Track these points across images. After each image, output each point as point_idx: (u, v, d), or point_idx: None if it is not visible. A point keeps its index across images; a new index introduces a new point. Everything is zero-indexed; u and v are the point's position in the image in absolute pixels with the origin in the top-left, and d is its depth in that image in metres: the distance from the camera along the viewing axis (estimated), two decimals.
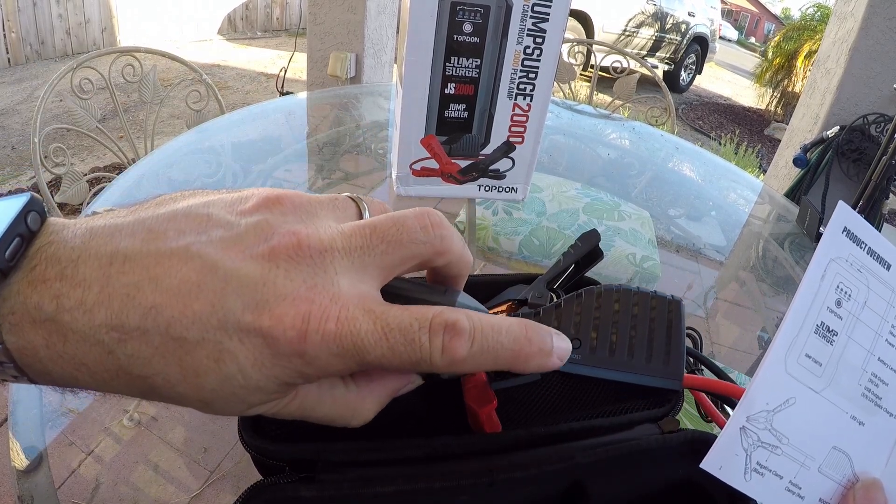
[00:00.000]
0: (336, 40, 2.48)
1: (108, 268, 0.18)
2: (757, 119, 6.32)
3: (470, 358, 0.19)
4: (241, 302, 0.18)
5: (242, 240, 0.19)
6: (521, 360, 0.20)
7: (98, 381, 0.19)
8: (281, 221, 0.20)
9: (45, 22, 4.21)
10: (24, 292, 0.18)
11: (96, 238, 0.19)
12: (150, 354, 0.18)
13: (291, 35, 5.64)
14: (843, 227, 0.24)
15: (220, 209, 0.20)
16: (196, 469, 0.54)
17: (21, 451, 0.47)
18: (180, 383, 0.19)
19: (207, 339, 0.18)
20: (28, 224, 0.19)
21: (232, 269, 0.19)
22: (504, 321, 0.21)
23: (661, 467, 0.27)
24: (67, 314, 0.18)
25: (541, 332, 0.21)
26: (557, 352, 0.21)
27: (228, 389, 0.19)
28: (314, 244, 0.20)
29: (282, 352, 0.19)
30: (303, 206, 0.21)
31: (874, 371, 0.24)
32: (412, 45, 0.50)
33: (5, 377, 0.19)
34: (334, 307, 0.19)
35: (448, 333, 0.19)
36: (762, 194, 1.32)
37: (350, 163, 1.20)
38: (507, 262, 0.85)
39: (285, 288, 0.19)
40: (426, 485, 0.23)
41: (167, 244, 0.19)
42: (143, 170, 0.94)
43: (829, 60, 2.30)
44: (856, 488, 0.23)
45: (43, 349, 0.18)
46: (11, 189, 2.45)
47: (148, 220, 0.20)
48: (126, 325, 0.18)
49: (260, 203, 0.21)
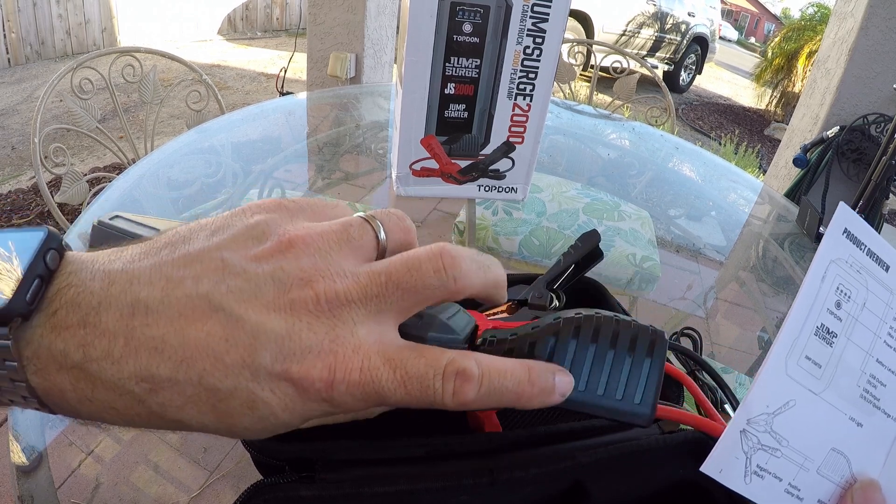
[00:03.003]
0: (336, 40, 2.48)
1: (130, 319, 0.19)
2: (757, 119, 6.32)
3: (477, 400, 0.21)
4: (270, 355, 0.19)
5: (262, 292, 0.20)
6: (525, 401, 0.21)
7: (128, 421, 0.20)
8: (296, 269, 0.20)
9: (45, 22, 4.21)
10: (47, 337, 0.19)
11: (115, 284, 0.19)
12: (183, 403, 0.19)
13: (291, 35, 5.64)
14: (843, 228, 0.24)
15: (232, 253, 0.21)
16: (196, 469, 0.54)
17: (21, 451, 0.47)
18: (214, 423, 0.20)
19: (240, 389, 0.19)
20: (47, 263, 0.19)
21: (257, 322, 0.19)
22: (509, 365, 0.22)
23: (661, 467, 0.27)
24: (95, 364, 0.19)
25: (543, 372, 0.22)
26: (559, 389, 0.22)
27: (261, 427, 0.20)
28: (331, 298, 0.20)
29: (311, 398, 0.20)
30: (316, 246, 0.21)
31: (872, 372, 0.24)
32: (412, 45, 0.50)
33: (28, 407, 0.20)
34: (357, 358, 0.20)
35: (459, 379, 0.21)
36: (762, 194, 1.32)
37: (350, 163, 1.20)
38: (507, 262, 0.85)
39: (310, 340, 0.20)
40: (426, 484, 0.23)
41: (185, 292, 0.19)
42: (143, 170, 0.94)
43: (829, 60, 2.30)
44: (854, 489, 0.23)
45: (70, 392, 0.19)
46: (12, 189, 2.46)
47: (164, 267, 0.20)
48: (157, 377, 0.19)
49: (273, 248, 0.21)
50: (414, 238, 0.25)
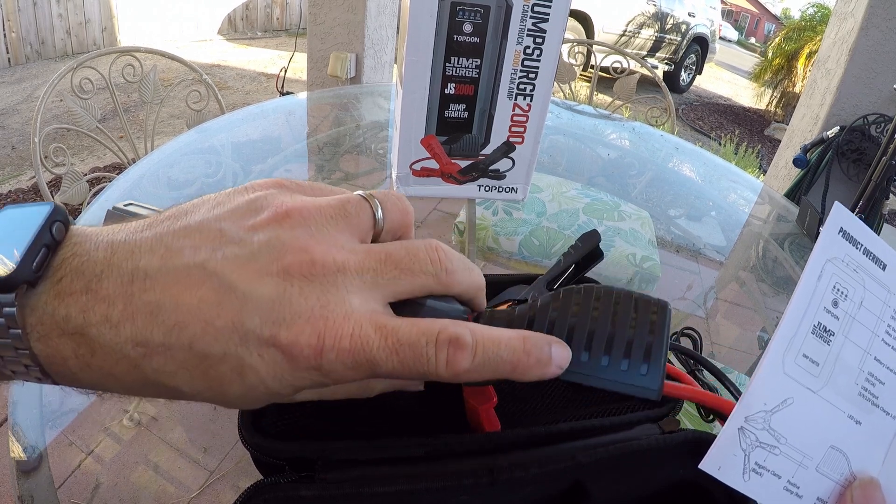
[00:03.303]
0: (336, 40, 2.48)
1: (129, 285, 0.19)
2: (757, 119, 6.32)
3: (472, 370, 0.21)
4: (259, 320, 0.19)
5: (256, 258, 0.20)
6: (520, 371, 0.21)
7: (126, 388, 0.21)
8: (292, 237, 0.21)
9: (45, 22, 4.22)
10: (51, 303, 0.19)
11: (117, 254, 0.20)
12: (176, 368, 0.20)
13: (291, 35, 5.64)
14: (839, 227, 0.24)
15: (231, 223, 0.21)
16: (196, 469, 0.54)
17: (21, 451, 0.47)
18: (206, 391, 0.20)
19: (230, 355, 0.19)
20: (53, 234, 0.20)
21: (248, 288, 0.19)
22: (504, 334, 0.21)
23: (661, 467, 0.27)
24: (94, 328, 0.19)
25: (539, 343, 0.22)
26: (556, 360, 0.22)
27: (252, 395, 0.20)
28: (328, 263, 0.20)
29: (300, 366, 0.20)
30: (312, 218, 0.21)
31: (871, 370, 0.24)
32: (412, 45, 0.50)
33: (29, 378, 0.20)
34: (347, 324, 0.20)
35: (452, 347, 0.20)
36: (762, 194, 1.32)
37: (350, 163, 1.20)
38: (507, 262, 0.85)
39: (300, 306, 0.20)
40: (426, 484, 0.23)
41: (183, 261, 0.20)
42: (143, 170, 0.94)
43: (829, 60, 2.30)
44: (853, 487, 0.23)
45: (72, 359, 0.19)
46: (12, 189, 2.46)
47: (165, 237, 0.20)
48: (151, 342, 0.19)
49: (270, 218, 0.21)
50: (411, 220, 0.25)
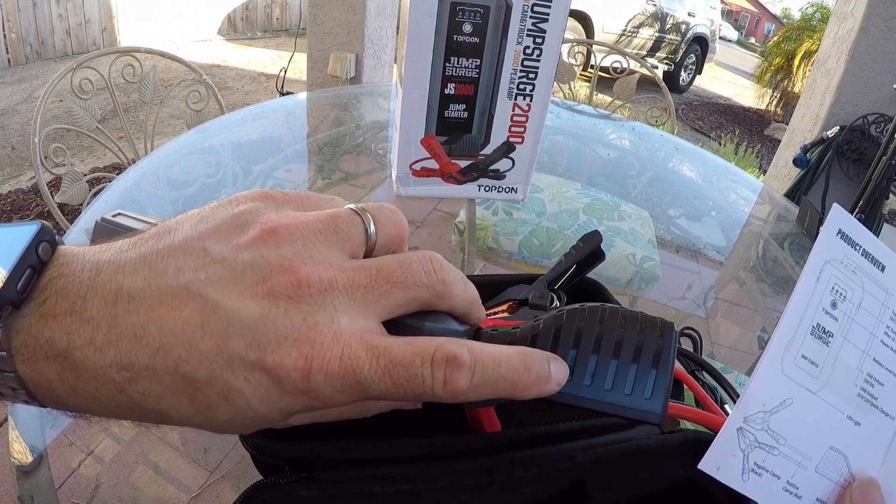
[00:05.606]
0: (336, 40, 2.48)
1: (113, 307, 0.19)
2: (757, 119, 6.32)
3: (471, 389, 0.20)
4: (244, 343, 0.19)
5: (241, 279, 0.19)
6: (520, 390, 0.20)
7: (113, 412, 0.20)
8: (277, 256, 0.20)
9: (45, 22, 4.21)
10: (35, 326, 0.19)
11: (102, 274, 0.19)
12: (161, 392, 0.19)
13: (291, 35, 5.64)
14: (837, 229, 0.24)
15: (215, 242, 0.20)
16: (196, 469, 0.54)
17: (21, 451, 0.47)
18: (194, 416, 0.20)
19: (215, 378, 0.19)
20: (39, 255, 0.19)
21: (233, 309, 0.19)
22: (503, 352, 0.21)
23: (661, 467, 0.27)
24: (78, 351, 0.19)
25: (538, 359, 0.21)
26: (555, 377, 0.21)
27: (240, 420, 0.20)
28: (314, 282, 0.20)
29: (287, 389, 0.19)
30: (300, 235, 0.21)
31: (869, 371, 0.24)
32: (412, 45, 0.50)
33: (17, 400, 0.20)
34: (336, 345, 0.19)
35: (450, 367, 0.19)
36: (762, 194, 1.32)
37: (350, 163, 1.20)
38: (507, 262, 0.85)
39: (286, 328, 0.19)
40: (426, 484, 0.23)
41: (167, 282, 0.19)
42: (143, 170, 0.94)
43: (829, 60, 2.30)
44: (853, 487, 0.23)
45: (57, 382, 0.19)
46: (12, 189, 2.46)
47: (149, 257, 0.20)
48: (135, 365, 0.19)
49: (256, 236, 0.20)
50: (405, 235, 0.24)
